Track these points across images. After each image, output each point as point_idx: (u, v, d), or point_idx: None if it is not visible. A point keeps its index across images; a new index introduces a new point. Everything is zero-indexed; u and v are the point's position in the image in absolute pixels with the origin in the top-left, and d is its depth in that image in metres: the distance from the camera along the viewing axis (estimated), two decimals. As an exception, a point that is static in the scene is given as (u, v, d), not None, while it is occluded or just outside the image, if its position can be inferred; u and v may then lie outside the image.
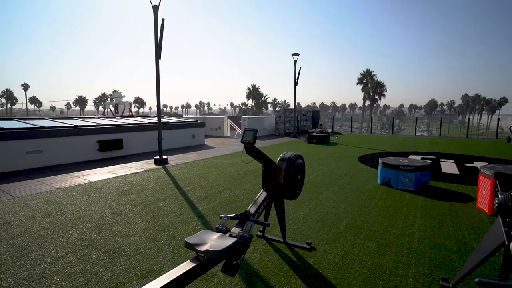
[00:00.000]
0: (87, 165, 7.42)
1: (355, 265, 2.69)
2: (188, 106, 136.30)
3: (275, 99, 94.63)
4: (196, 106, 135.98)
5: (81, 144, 8.03)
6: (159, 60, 7.39)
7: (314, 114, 19.31)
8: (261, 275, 2.53)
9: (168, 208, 4.21)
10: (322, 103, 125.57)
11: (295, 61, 15.15)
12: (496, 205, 1.99)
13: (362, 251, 2.96)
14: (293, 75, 15.39)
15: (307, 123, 18.23)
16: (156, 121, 7.89)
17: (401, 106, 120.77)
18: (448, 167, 7.26)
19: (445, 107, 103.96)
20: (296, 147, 11.21)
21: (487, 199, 4.03)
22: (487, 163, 6.50)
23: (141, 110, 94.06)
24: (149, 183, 5.58)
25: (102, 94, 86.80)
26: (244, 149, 2.53)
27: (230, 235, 2.09)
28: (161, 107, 7.92)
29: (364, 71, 53.88)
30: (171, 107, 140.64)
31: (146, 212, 4.03)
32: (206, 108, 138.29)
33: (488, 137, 21.23)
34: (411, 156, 8.58)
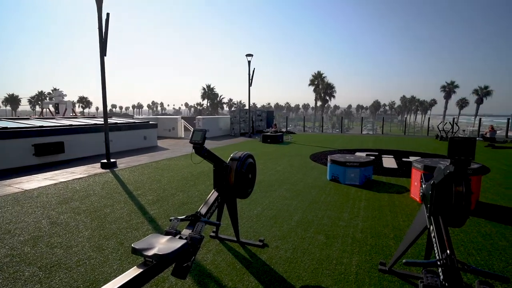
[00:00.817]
0: (21, 171, 6.66)
1: (305, 257, 2.83)
2: (140, 106, 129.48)
3: (230, 99, 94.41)
4: (148, 106, 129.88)
5: (12, 148, 7.18)
6: (105, 57, 6.93)
7: (268, 114, 19.70)
8: (214, 275, 2.52)
9: (116, 214, 3.98)
10: (277, 103, 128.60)
11: (249, 62, 15.32)
12: (421, 194, 2.26)
13: (312, 244, 3.11)
14: (247, 75, 15.55)
15: (262, 123, 18.54)
16: (103, 122, 7.37)
17: (350, 106, 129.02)
18: (389, 162, 7.96)
19: (387, 108, 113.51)
20: (251, 147, 11.34)
21: (418, 189, 4.51)
22: (419, 158, 7.27)
23: (86, 110, 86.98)
24: (94, 189, 5.20)
25: (39, 92, 78.29)
26: (193, 150, 2.51)
27: (180, 237, 2.06)
28: (110, 108, 7.46)
29: (315, 73, 56.45)
30: (121, 107, 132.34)
31: (91, 220, 3.75)
32: (159, 108, 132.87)
33: (422, 134, 23.72)
34: (357, 153, 9.22)
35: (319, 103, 58.89)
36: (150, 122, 11.91)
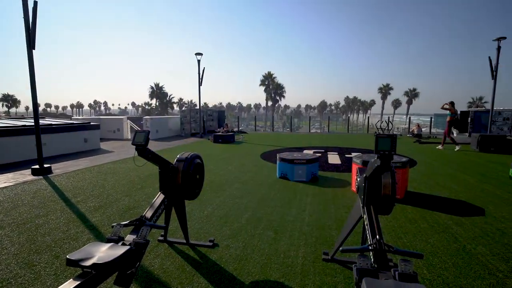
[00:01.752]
0: None
1: (254, 254, 2.90)
2: (80, 105, 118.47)
3: (181, 99, 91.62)
4: (90, 105, 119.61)
5: None
6: (33, 50, 6.22)
7: (220, 114, 19.60)
8: (162, 280, 2.46)
9: (51, 224, 3.62)
10: (229, 103, 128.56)
11: (199, 61, 15.07)
12: (356, 186, 2.48)
13: (261, 240, 3.20)
14: (198, 74, 15.28)
15: (213, 123, 18.39)
16: (33, 124, 6.61)
17: (299, 106, 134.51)
18: (333, 158, 8.51)
19: (333, 107, 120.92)
20: (201, 147, 11.18)
21: (358, 182, 4.92)
22: (359, 153, 7.90)
23: (13, 110, 76.85)
24: (23, 198, 4.66)
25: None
26: (136, 152, 2.41)
27: (124, 244, 1.97)
28: (44, 107, 6.69)
29: (266, 73, 57.75)
30: (57, 107, 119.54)
31: (19, 234, 3.36)
32: (102, 108, 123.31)
33: (363, 132, 25.84)
34: (305, 151, 9.67)
35: (270, 103, 60.34)
36: (92, 123, 11.02)
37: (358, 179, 2.44)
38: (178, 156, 2.82)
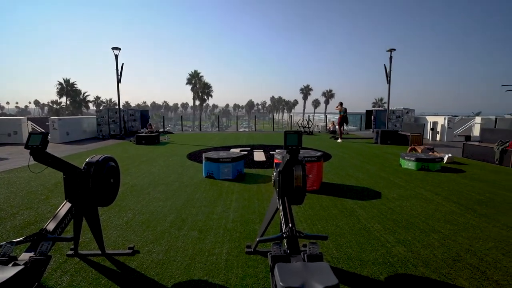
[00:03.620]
0: None
1: (178, 256, 2.85)
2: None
3: (98, 97, 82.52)
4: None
5: None
6: None
7: (143, 113, 18.39)
8: (71, 298, 2.22)
9: None
10: (154, 102, 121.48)
11: (116, 56, 13.86)
12: (273, 180, 2.66)
13: (185, 241, 3.16)
14: (116, 71, 14.03)
15: (136, 123, 17.16)
16: None
17: (227, 105, 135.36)
18: (259, 156, 8.87)
19: (260, 107, 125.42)
20: (122, 150, 10.34)
21: (280, 177, 5.25)
22: (282, 150, 8.41)
23: None
24: None
25: None
26: (31, 157, 2.11)
27: (15, 264, 1.71)
28: None
29: (192, 72, 56.42)
30: None
31: None
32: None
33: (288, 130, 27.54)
34: (232, 149, 9.83)
35: (197, 102, 59.23)
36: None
37: (274, 173, 2.61)
38: (87, 160, 2.57)
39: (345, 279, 2.47)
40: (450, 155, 7.75)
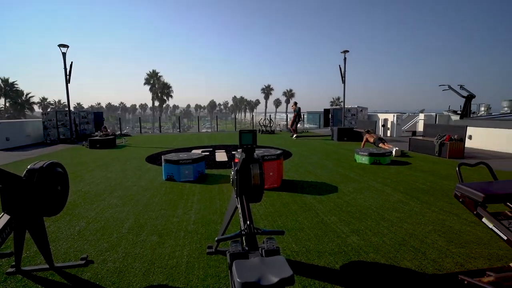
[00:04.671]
0: None
1: (136, 262, 2.75)
2: None
3: (44, 99, 75.70)
4: None
5: None
6: None
7: (97, 116, 17.29)
8: (14, 318, 2.04)
9: None
10: (110, 103, 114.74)
11: (64, 54, 12.85)
12: (231, 179, 2.69)
13: (144, 247, 3.06)
14: (64, 70, 13.00)
15: (89, 126, 16.09)
16: None
17: (189, 106, 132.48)
18: (221, 156, 8.83)
19: (222, 107, 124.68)
20: (74, 155, 9.64)
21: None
22: (244, 150, 8.46)
23: None
24: None
25: None
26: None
27: None
28: None
29: (150, 72, 54.28)
30: None
31: None
32: None
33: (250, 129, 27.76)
34: (194, 151, 9.67)
35: (157, 103, 57.16)
36: None
37: (232, 173, 2.64)
38: (29, 167, 2.37)
39: (303, 271, 2.59)
40: (397, 148, 8.42)
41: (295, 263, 2.72)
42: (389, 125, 15.18)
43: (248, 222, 2.14)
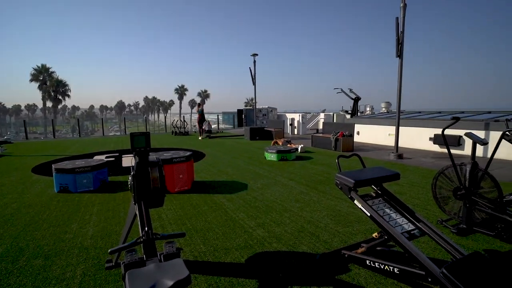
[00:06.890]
0: None
1: (11, 293, 2.32)
2: None
3: None
4: None
5: None
6: None
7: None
8: None
9: None
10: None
11: None
12: (129, 186, 2.52)
13: (23, 274, 2.59)
14: None
15: None
16: None
17: (92, 107, 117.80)
18: (128, 161, 8.15)
19: (133, 108, 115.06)
20: None
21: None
22: (158, 152, 8.02)
23: None
24: None
25: None
26: None
27: None
28: None
29: (38, 67, 45.97)
30: None
31: None
32: None
33: (163, 131, 26.35)
34: (96, 157, 8.65)
35: (50, 104, 48.91)
36: None
37: (129, 178, 2.48)
38: None
39: (210, 270, 2.62)
40: (302, 145, 9.31)
41: (202, 263, 2.73)
42: (295, 124, 16.62)
43: (146, 228, 2.05)
